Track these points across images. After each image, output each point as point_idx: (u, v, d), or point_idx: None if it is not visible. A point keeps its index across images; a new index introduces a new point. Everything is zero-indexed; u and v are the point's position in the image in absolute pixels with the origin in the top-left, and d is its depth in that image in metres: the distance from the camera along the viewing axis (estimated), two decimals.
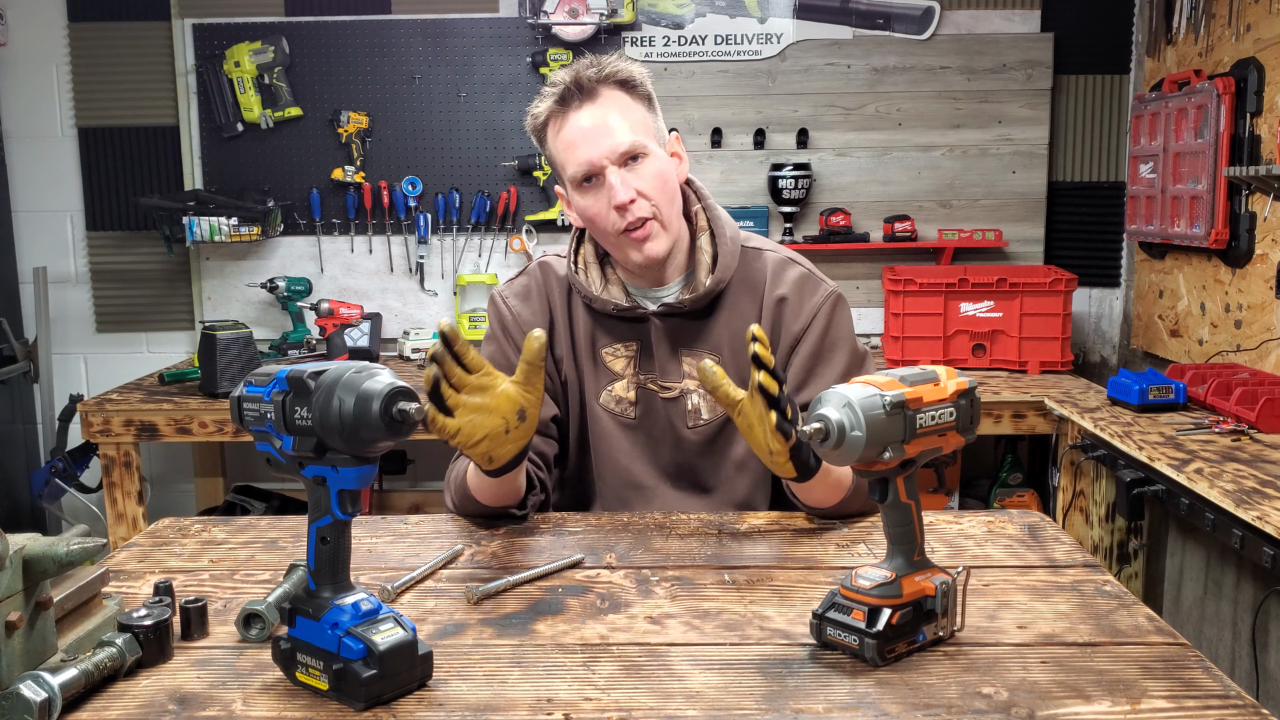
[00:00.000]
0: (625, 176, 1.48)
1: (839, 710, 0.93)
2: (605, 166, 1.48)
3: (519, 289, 1.66)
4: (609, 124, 1.48)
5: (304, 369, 0.96)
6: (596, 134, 1.48)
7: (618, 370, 1.60)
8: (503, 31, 3.54)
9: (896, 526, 1.06)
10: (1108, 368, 3.65)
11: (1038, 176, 3.58)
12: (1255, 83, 2.73)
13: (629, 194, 1.48)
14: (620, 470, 1.61)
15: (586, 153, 1.48)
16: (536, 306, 1.63)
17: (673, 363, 1.58)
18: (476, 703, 0.95)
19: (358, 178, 3.57)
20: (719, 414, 1.58)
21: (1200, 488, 1.97)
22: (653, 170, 1.50)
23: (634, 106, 1.51)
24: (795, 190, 3.50)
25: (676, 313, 1.56)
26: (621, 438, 1.60)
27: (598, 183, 1.50)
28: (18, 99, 3.62)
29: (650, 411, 1.59)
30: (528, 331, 1.50)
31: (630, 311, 1.57)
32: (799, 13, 3.52)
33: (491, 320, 1.66)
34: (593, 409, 1.61)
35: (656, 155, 1.51)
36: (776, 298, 1.58)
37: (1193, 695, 0.96)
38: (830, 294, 1.58)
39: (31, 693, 0.89)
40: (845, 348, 1.57)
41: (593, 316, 1.61)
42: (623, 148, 1.48)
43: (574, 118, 1.50)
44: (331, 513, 0.97)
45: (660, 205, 1.51)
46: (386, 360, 3.53)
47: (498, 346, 1.63)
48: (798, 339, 1.57)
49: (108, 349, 3.74)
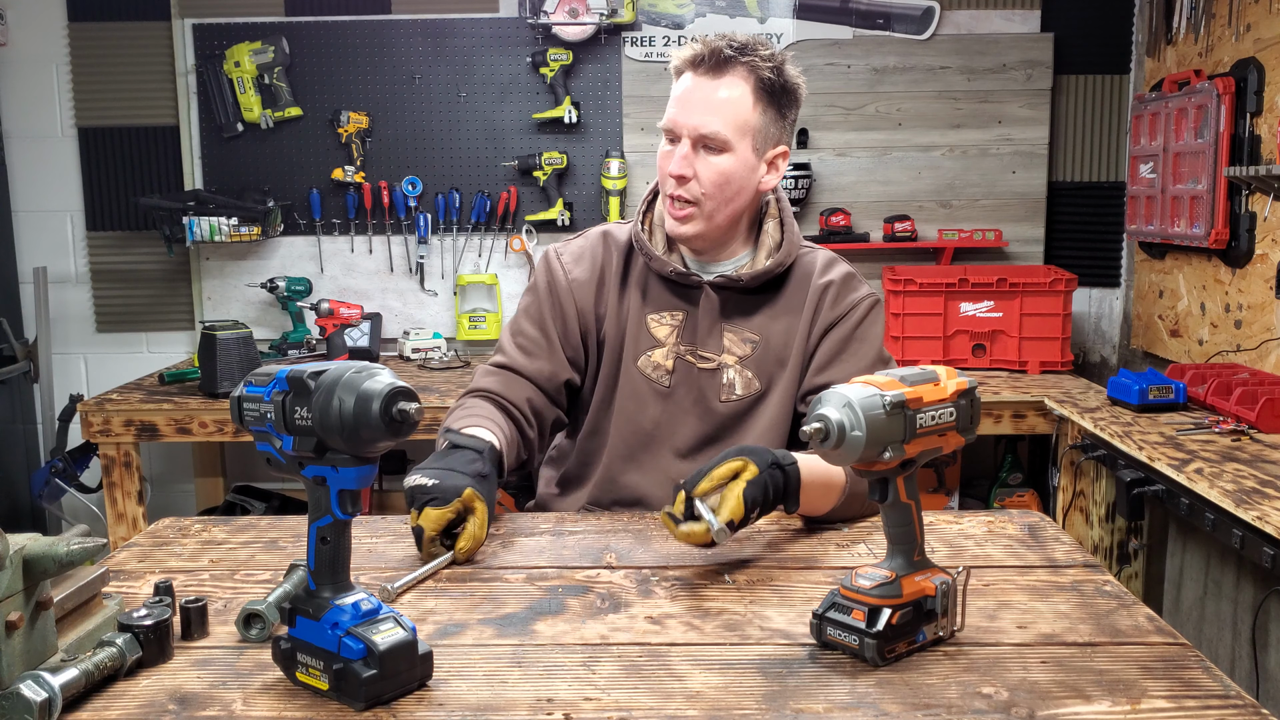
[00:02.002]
0: (692, 156, 1.54)
1: (839, 710, 0.93)
2: (682, 135, 1.54)
3: (575, 250, 1.70)
4: (710, 102, 1.53)
5: (304, 369, 0.96)
6: (694, 105, 1.53)
7: (660, 338, 1.64)
8: (503, 31, 3.54)
9: (896, 526, 1.06)
10: (1108, 368, 3.65)
11: (1038, 176, 3.58)
12: (1255, 83, 2.73)
13: (683, 169, 1.53)
14: (640, 433, 1.64)
15: (675, 114, 1.55)
16: (588, 266, 1.67)
17: (715, 335, 1.62)
18: (476, 703, 0.95)
19: (358, 178, 3.57)
20: (752, 391, 1.62)
21: (1200, 488, 1.97)
22: (720, 167, 1.54)
23: (750, 100, 1.54)
24: (795, 190, 3.50)
25: (731, 286, 1.61)
26: (651, 402, 1.64)
27: (675, 143, 1.56)
28: (18, 99, 3.62)
29: (685, 381, 1.63)
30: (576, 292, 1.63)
31: (686, 277, 1.61)
32: (799, 13, 3.52)
33: (539, 275, 1.69)
34: (627, 369, 1.64)
35: (737, 155, 1.54)
36: (822, 284, 1.63)
37: (1193, 695, 0.96)
38: (871, 295, 1.65)
39: (32, 693, 0.89)
40: (873, 346, 1.63)
41: (646, 281, 1.65)
42: (704, 129, 1.52)
43: (692, 80, 1.55)
44: (331, 513, 0.97)
45: (709, 198, 1.55)
46: (386, 360, 3.53)
47: (537, 301, 1.66)
48: (831, 324, 1.62)
49: (108, 349, 3.74)
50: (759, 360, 1.62)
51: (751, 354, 1.62)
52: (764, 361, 1.62)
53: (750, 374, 1.62)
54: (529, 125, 3.58)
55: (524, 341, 1.64)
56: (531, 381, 1.62)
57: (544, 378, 1.63)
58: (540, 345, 1.64)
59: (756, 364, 1.62)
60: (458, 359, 3.48)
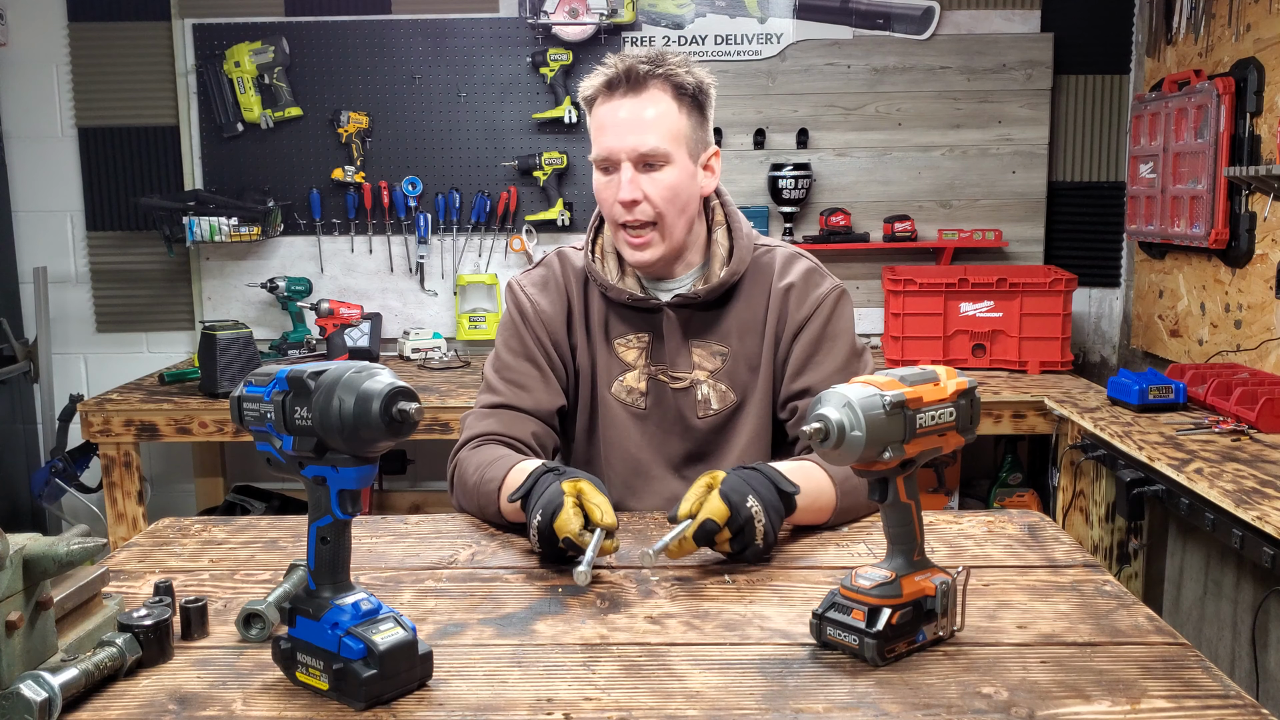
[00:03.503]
0: (637, 178, 1.51)
1: (839, 710, 0.93)
2: (621, 160, 1.52)
3: (537, 279, 1.67)
4: (641, 121, 1.51)
5: (304, 369, 0.96)
6: (625, 127, 1.51)
7: (629, 361, 1.62)
8: (503, 31, 3.54)
9: (896, 526, 1.06)
10: (1108, 368, 3.65)
11: (1038, 176, 3.58)
12: (1255, 83, 2.73)
13: (633, 194, 1.51)
14: (629, 459, 1.63)
15: (609, 142, 1.52)
16: (554, 296, 1.65)
17: (683, 354, 1.61)
18: (476, 703, 0.95)
19: (358, 178, 3.57)
20: (728, 404, 1.62)
21: (1200, 488, 1.97)
22: (667, 180, 1.52)
23: (675, 111, 1.53)
24: (795, 190, 3.50)
25: (689, 303, 1.59)
26: (631, 427, 1.63)
27: (613, 171, 1.54)
28: (18, 99, 3.62)
29: (660, 402, 1.62)
30: (548, 324, 1.60)
31: (644, 302, 1.59)
32: (799, 13, 3.52)
33: (509, 307, 1.67)
34: (604, 398, 1.63)
35: (678, 165, 1.53)
36: (784, 286, 1.61)
37: (1193, 695, 0.96)
38: (835, 288, 1.63)
39: (32, 692, 0.89)
40: (845, 340, 1.61)
41: (607, 306, 1.64)
42: (642, 148, 1.51)
43: (613, 103, 1.52)
44: (331, 513, 0.97)
45: (664, 214, 1.53)
46: (386, 360, 3.53)
47: (515, 333, 1.64)
48: (800, 326, 1.60)
49: (108, 349, 3.74)
50: (730, 372, 1.61)
51: (722, 366, 1.61)
52: (736, 372, 1.61)
53: (724, 387, 1.61)
54: (529, 125, 3.58)
55: (513, 376, 1.60)
56: (531, 415, 1.58)
57: (542, 409, 1.59)
58: (531, 376, 1.60)
59: (729, 376, 1.61)
60: (458, 359, 3.48)
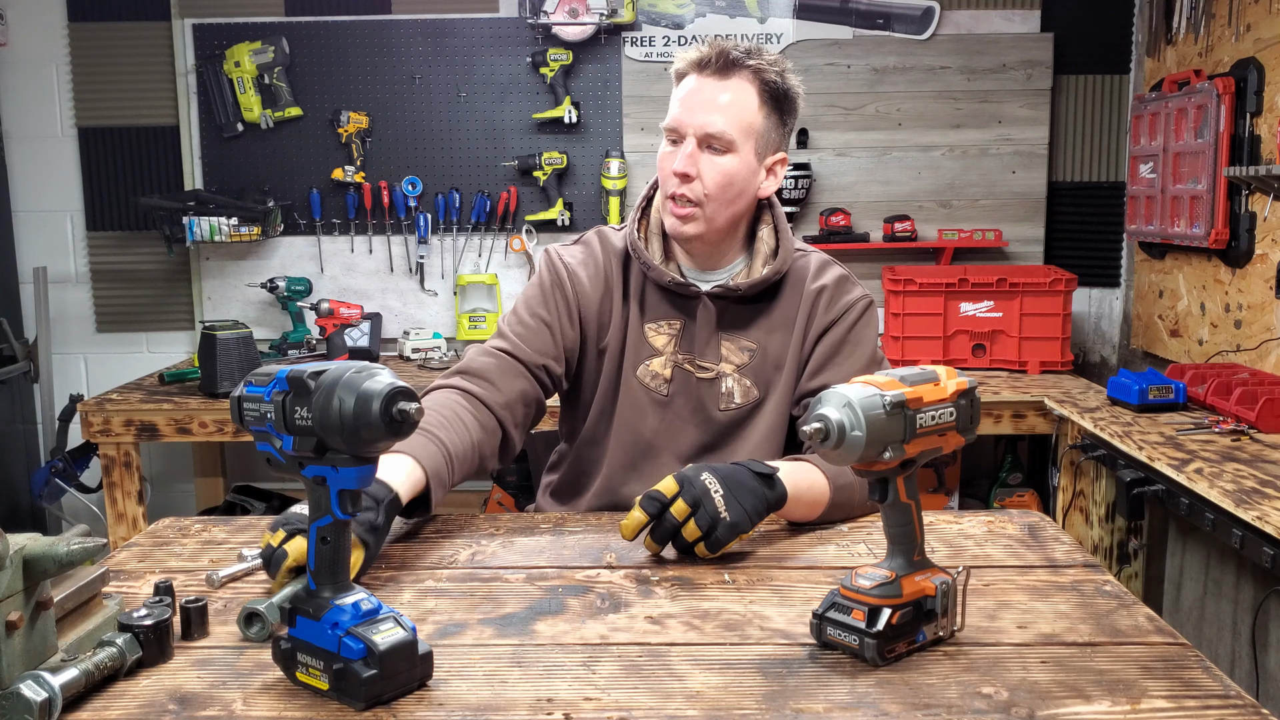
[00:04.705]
0: (697, 155, 1.54)
1: (839, 710, 0.93)
2: (687, 134, 1.54)
3: (579, 254, 1.68)
4: (716, 103, 1.53)
5: (304, 369, 0.96)
6: (699, 105, 1.54)
7: (658, 346, 1.63)
8: (503, 31, 3.54)
9: (896, 526, 1.06)
10: (1108, 368, 3.65)
11: (1038, 176, 3.58)
12: (1255, 83, 2.73)
13: (687, 167, 1.53)
14: (641, 442, 1.64)
15: (680, 114, 1.55)
16: (593, 272, 1.66)
17: (713, 345, 1.62)
18: (476, 703, 0.95)
19: (358, 178, 3.57)
20: (750, 399, 1.63)
21: (1200, 488, 1.97)
22: (724, 168, 1.54)
23: (754, 105, 1.55)
24: (795, 190, 3.50)
25: (728, 295, 1.61)
26: (650, 411, 1.64)
27: (678, 144, 1.56)
28: (18, 99, 3.61)
29: (684, 390, 1.63)
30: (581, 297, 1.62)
31: (685, 288, 1.60)
32: (799, 13, 3.52)
33: (543, 271, 1.67)
34: (627, 379, 1.64)
35: (740, 157, 1.55)
36: (816, 289, 1.63)
37: (1193, 695, 0.96)
38: (864, 296, 1.65)
39: (32, 692, 0.89)
40: (867, 348, 1.63)
41: (643, 290, 1.64)
42: (710, 129, 1.53)
43: (697, 80, 1.55)
44: (331, 513, 0.97)
45: (711, 200, 1.55)
46: (386, 360, 3.53)
47: (540, 292, 1.64)
48: (825, 328, 1.62)
49: (108, 349, 3.74)
50: (756, 368, 1.62)
51: (749, 362, 1.62)
52: (761, 369, 1.63)
53: (749, 382, 1.62)
54: (529, 125, 3.58)
55: (522, 330, 1.62)
56: (527, 366, 1.59)
57: (540, 363, 1.60)
58: (540, 333, 1.61)
59: (754, 372, 1.62)
60: (458, 359, 3.47)
